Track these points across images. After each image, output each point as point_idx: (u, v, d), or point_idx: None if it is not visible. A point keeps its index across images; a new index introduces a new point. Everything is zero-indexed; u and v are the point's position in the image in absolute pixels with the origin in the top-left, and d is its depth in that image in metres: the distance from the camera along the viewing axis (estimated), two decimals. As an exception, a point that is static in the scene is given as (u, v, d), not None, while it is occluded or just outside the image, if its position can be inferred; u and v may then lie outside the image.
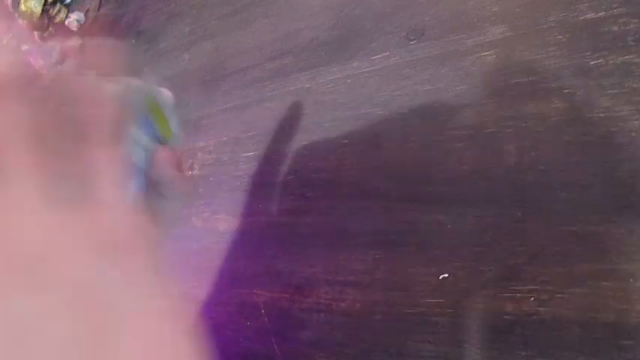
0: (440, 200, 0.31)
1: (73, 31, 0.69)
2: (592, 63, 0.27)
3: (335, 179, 0.37)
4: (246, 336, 0.39)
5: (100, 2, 0.70)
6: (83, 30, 0.69)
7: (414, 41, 0.34)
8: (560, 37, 0.29)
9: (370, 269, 0.33)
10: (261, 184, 0.41)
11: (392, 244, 0.33)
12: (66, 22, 0.70)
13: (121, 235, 0.17)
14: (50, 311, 0.15)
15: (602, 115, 0.27)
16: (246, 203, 0.42)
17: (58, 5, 0.71)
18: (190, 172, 0.47)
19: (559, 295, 0.26)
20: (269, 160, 0.41)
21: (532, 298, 0.27)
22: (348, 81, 0.37)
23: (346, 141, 0.36)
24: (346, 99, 0.37)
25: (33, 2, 0.72)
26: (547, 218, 0.27)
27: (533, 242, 0.28)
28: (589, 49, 0.28)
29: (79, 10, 0.70)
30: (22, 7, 0.73)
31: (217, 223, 0.43)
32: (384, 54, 0.36)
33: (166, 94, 0.23)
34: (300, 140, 0.39)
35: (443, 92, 0.32)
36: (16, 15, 0.74)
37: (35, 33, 0.75)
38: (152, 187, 0.23)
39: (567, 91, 0.28)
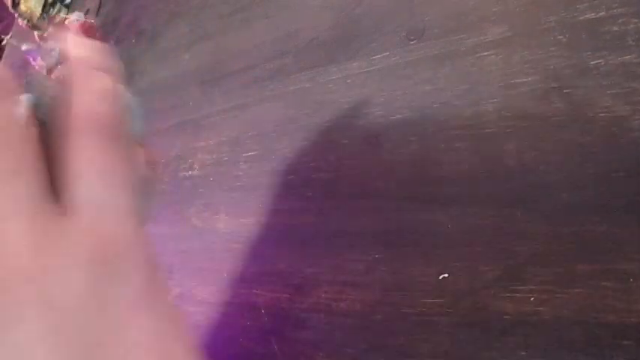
0: (440, 200, 0.31)
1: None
2: (592, 63, 0.27)
3: (335, 179, 0.37)
4: (246, 336, 0.39)
5: (100, 2, 0.70)
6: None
7: (414, 41, 0.34)
8: (560, 37, 0.29)
9: (370, 269, 0.33)
10: (261, 184, 0.41)
11: (392, 244, 0.33)
12: (66, 22, 0.70)
13: (118, 246, 0.15)
14: (33, 343, 0.13)
15: (602, 115, 0.27)
16: (246, 203, 0.42)
17: (58, 5, 0.71)
18: (159, 170, 0.47)
19: (559, 295, 0.26)
20: (269, 160, 0.41)
21: (532, 298, 0.27)
22: (348, 81, 0.37)
23: (346, 141, 0.36)
24: (346, 99, 0.37)
25: (33, 2, 0.72)
26: (547, 218, 0.27)
27: (533, 242, 0.28)
28: (589, 49, 0.28)
29: (79, 10, 0.70)
30: (22, 7, 0.73)
31: (217, 223, 0.43)
32: (384, 54, 0.36)
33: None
34: (300, 140, 0.39)
35: (443, 92, 0.32)
36: (16, 15, 0.74)
37: (35, 33, 0.75)
38: None
39: (567, 91, 0.28)
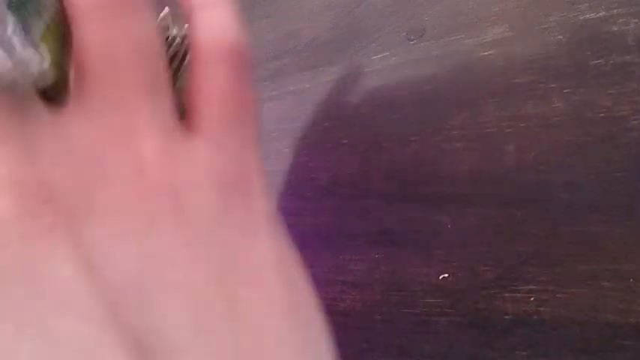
0: (440, 200, 0.31)
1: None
2: (592, 63, 0.27)
3: (335, 179, 0.36)
4: (246, 336, 0.39)
5: (100, 2, 0.70)
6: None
7: (414, 41, 0.34)
8: (560, 37, 0.29)
9: (370, 269, 0.33)
10: (261, 184, 0.41)
11: (392, 244, 0.33)
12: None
13: (245, 170, 0.16)
14: (173, 252, 0.13)
15: (602, 115, 0.27)
16: (246, 203, 0.42)
17: (58, 5, 0.71)
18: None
19: (559, 295, 0.26)
20: (269, 160, 0.41)
21: (532, 298, 0.27)
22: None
23: (346, 141, 0.36)
24: (346, 99, 0.37)
25: (33, 2, 0.72)
26: (547, 218, 0.27)
27: (533, 242, 0.28)
28: (589, 49, 0.28)
29: (79, 10, 0.70)
30: (22, 7, 0.73)
31: (217, 223, 0.43)
32: (384, 54, 0.36)
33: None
34: (300, 140, 0.39)
35: (443, 92, 0.32)
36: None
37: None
38: None
39: (567, 91, 0.28)
